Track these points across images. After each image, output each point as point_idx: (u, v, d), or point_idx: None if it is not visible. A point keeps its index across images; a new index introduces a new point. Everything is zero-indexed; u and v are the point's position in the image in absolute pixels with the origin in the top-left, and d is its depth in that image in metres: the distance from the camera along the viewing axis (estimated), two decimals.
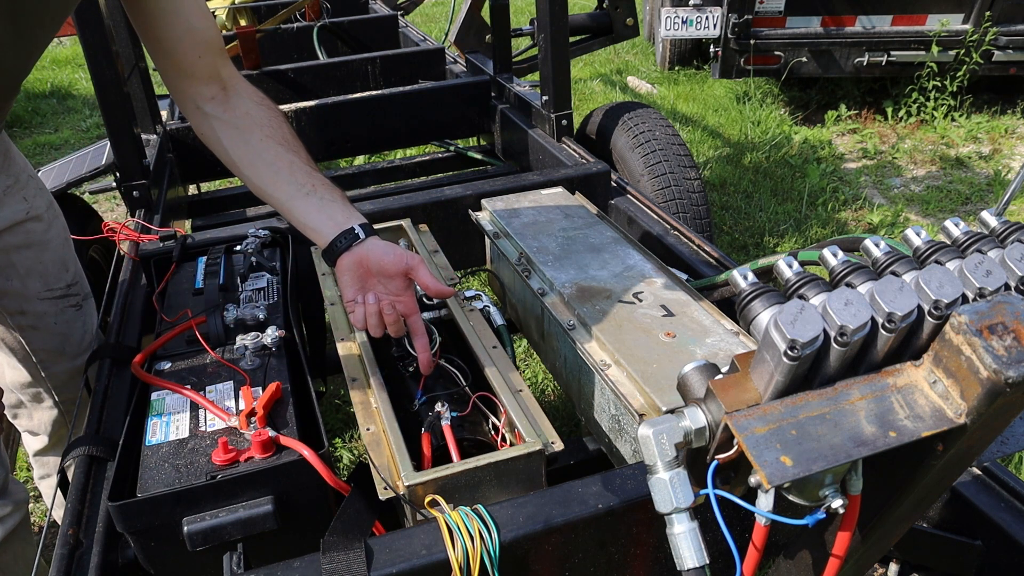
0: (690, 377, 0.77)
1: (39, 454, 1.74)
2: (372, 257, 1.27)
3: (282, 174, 1.30)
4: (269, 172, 1.31)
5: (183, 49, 1.28)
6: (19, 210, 1.44)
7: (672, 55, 6.61)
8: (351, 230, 1.28)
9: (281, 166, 1.30)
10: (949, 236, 0.81)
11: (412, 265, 1.27)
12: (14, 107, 6.21)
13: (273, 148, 1.31)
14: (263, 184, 1.32)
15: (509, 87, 2.92)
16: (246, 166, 1.32)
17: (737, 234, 3.92)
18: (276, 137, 1.32)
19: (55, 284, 1.53)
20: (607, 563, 1.12)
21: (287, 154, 1.31)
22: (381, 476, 1.11)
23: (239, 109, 1.32)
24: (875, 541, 0.86)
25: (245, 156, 1.32)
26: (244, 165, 1.32)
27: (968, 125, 4.98)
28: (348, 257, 1.27)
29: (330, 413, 2.78)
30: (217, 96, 1.32)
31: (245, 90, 1.35)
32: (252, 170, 1.32)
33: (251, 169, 1.32)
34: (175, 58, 1.29)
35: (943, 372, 0.66)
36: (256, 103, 1.34)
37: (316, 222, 1.29)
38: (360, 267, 1.28)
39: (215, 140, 1.33)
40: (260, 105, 1.35)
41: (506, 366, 1.34)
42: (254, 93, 1.36)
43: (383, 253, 1.27)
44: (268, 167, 1.30)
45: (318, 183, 1.31)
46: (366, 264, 1.27)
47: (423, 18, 8.97)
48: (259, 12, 3.74)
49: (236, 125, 1.32)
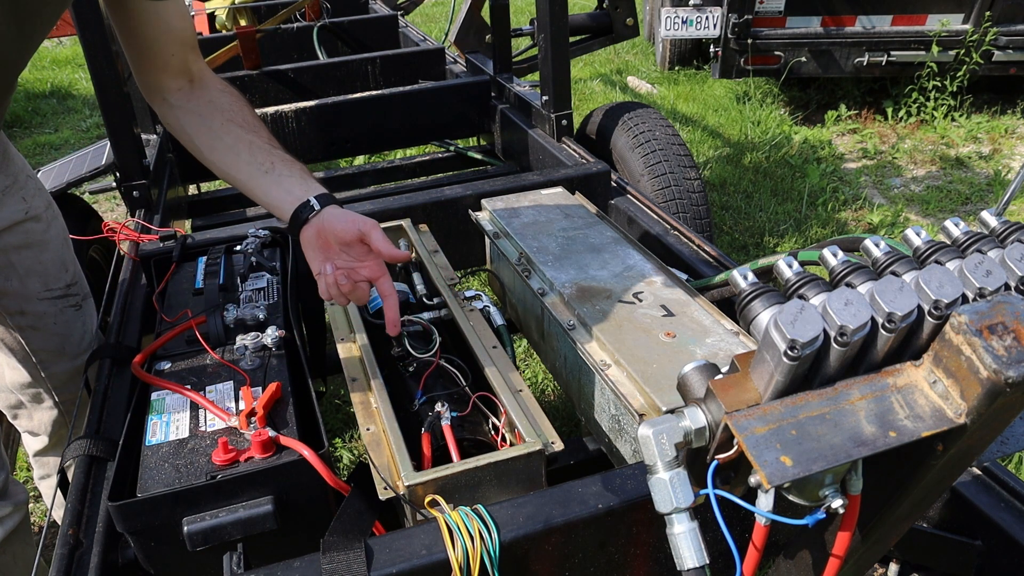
0: (690, 377, 0.77)
1: (39, 454, 1.74)
2: (327, 226, 1.27)
3: (242, 155, 1.32)
4: (230, 155, 1.33)
5: (159, 47, 1.31)
6: (18, 210, 1.44)
7: (672, 55, 6.61)
8: (307, 203, 1.28)
9: (241, 148, 1.32)
10: (949, 236, 0.81)
11: (365, 230, 1.27)
12: (14, 107, 6.24)
13: (233, 131, 1.33)
14: (225, 167, 1.34)
15: (509, 87, 2.92)
16: (208, 150, 1.34)
17: (737, 234, 3.92)
18: (236, 120, 1.34)
19: (54, 284, 1.53)
20: (607, 563, 1.12)
21: (246, 135, 1.33)
22: (381, 476, 1.11)
23: (203, 98, 1.35)
24: (875, 541, 0.86)
25: (207, 141, 1.34)
26: (207, 150, 1.35)
27: (968, 125, 4.98)
28: (308, 229, 1.28)
29: (330, 413, 2.78)
30: (183, 88, 1.35)
31: (210, 80, 1.38)
32: (214, 154, 1.34)
33: (213, 153, 1.34)
34: (150, 55, 1.32)
35: (943, 372, 0.66)
36: (219, 91, 1.37)
37: (276, 199, 1.31)
38: (319, 238, 1.28)
39: (179, 129, 1.37)
40: (223, 92, 1.37)
41: (506, 366, 1.34)
42: (218, 82, 1.39)
43: (337, 221, 1.27)
44: (228, 150, 1.33)
45: (277, 160, 1.32)
46: (324, 235, 1.28)
47: (423, 18, 8.97)
48: (259, 12, 3.74)
49: (199, 112, 1.34)
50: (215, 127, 1.33)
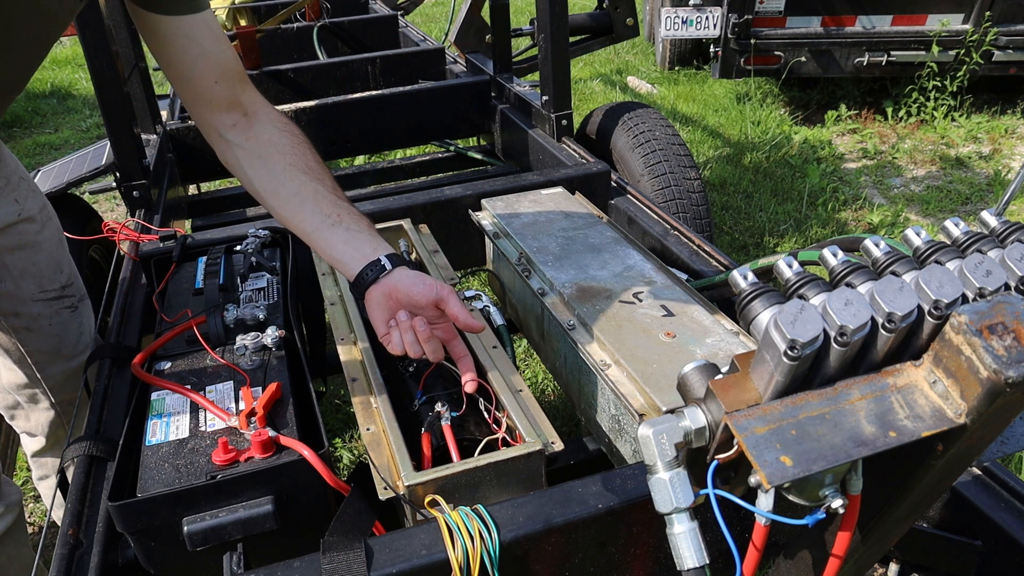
0: (690, 377, 0.77)
1: (37, 455, 1.74)
2: (401, 287, 1.23)
3: (307, 204, 1.27)
4: (295, 202, 1.28)
5: (198, 74, 1.26)
6: (10, 212, 1.44)
7: (672, 55, 6.61)
8: (377, 262, 1.25)
9: (306, 195, 1.27)
10: (949, 236, 0.81)
11: (443, 296, 1.24)
12: (14, 107, 6.23)
13: (297, 177, 1.28)
14: (288, 215, 1.29)
15: (509, 87, 2.92)
16: (270, 195, 1.30)
17: (737, 234, 3.92)
18: (300, 165, 1.29)
19: (49, 286, 1.52)
20: (607, 563, 1.12)
21: (312, 183, 1.28)
22: (381, 476, 1.11)
23: (262, 137, 1.30)
24: (875, 541, 0.86)
25: (269, 185, 1.29)
26: (268, 194, 1.30)
27: (968, 125, 4.98)
28: (376, 289, 1.24)
29: (330, 413, 2.78)
30: (239, 123, 1.30)
31: (268, 116, 1.33)
32: (276, 200, 1.29)
33: (275, 199, 1.29)
34: (192, 84, 1.27)
35: (943, 372, 0.66)
36: (279, 129, 1.32)
37: (342, 254, 1.27)
38: (390, 299, 1.24)
39: (239, 169, 1.32)
40: (283, 132, 1.32)
41: (506, 366, 1.34)
42: (277, 119, 1.34)
43: (412, 283, 1.24)
44: (293, 196, 1.28)
45: (344, 212, 1.28)
46: (395, 295, 1.24)
47: (423, 18, 8.97)
48: (259, 12, 3.74)
49: (259, 154, 1.29)
50: (277, 171, 1.28)
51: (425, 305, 1.24)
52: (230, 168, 1.34)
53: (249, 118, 1.31)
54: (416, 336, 1.22)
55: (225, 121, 1.30)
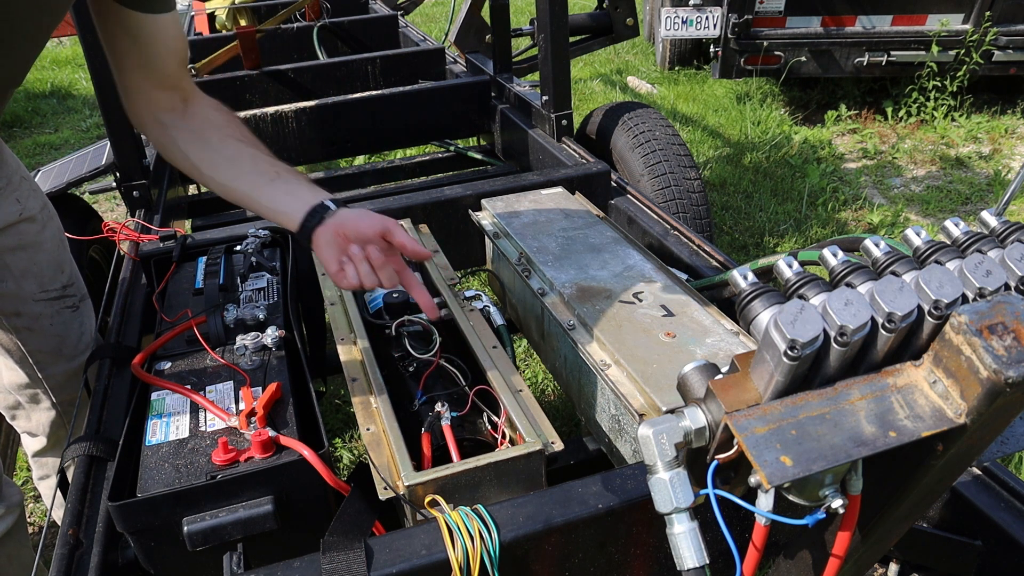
0: (690, 377, 0.77)
1: (38, 455, 1.74)
2: (349, 223, 1.25)
3: (244, 166, 1.30)
4: (231, 168, 1.31)
5: (159, 64, 1.30)
6: (12, 211, 1.44)
7: (672, 55, 6.61)
8: (321, 204, 1.27)
9: (243, 159, 1.31)
10: (949, 236, 0.81)
11: (388, 227, 1.26)
12: (14, 107, 6.23)
13: (233, 144, 1.31)
14: (227, 181, 1.32)
15: (509, 87, 2.92)
16: (207, 167, 1.32)
17: (737, 234, 3.92)
18: (235, 135, 1.33)
19: (50, 286, 1.52)
20: (607, 563, 1.12)
21: (248, 148, 1.32)
22: (381, 476, 1.11)
23: (196, 116, 1.34)
24: (875, 541, 0.86)
25: (206, 157, 1.32)
26: (206, 166, 1.32)
27: (968, 125, 4.98)
28: (324, 229, 1.26)
29: (330, 413, 2.78)
30: (176, 107, 1.33)
31: (201, 98, 1.36)
32: (214, 169, 1.32)
33: (213, 168, 1.32)
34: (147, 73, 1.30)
35: (943, 372, 0.66)
36: (213, 108, 1.36)
37: (284, 204, 1.28)
38: (337, 236, 1.25)
39: (173, 148, 1.34)
40: (217, 110, 1.36)
41: (506, 366, 1.34)
42: (210, 100, 1.37)
43: (359, 218, 1.26)
44: (229, 163, 1.31)
45: (281, 170, 1.31)
46: (343, 231, 1.25)
47: (423, 18, 8.97)
48: (259, 12, 3.74)
49: (193, 129, 1.32)
50: (213, 142, 1.32)
51: (373, 237, 1.25)
52: (163, 150, 1.36)
53: (186, 102, 1.34)
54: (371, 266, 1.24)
55: (164, 105, 1.32)
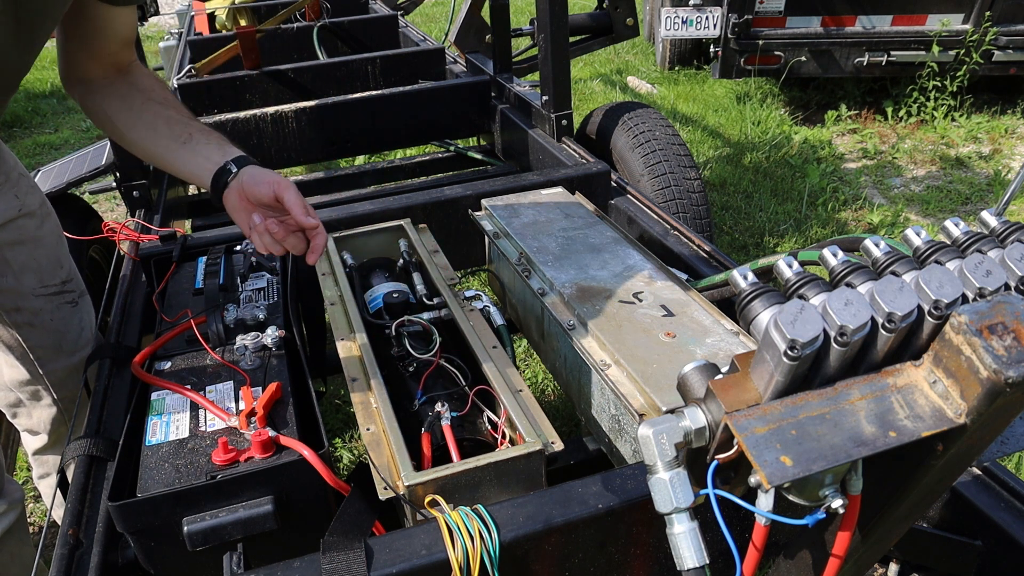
0: (690, 377, 0.77)
1: (38, 453, 1.74)
2: (247, 188, 1.28)
3: (160, 130, 1.34)
4: (149, 131, 1.34)
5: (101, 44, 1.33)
6: (11, 206, 1.45)
7: (672, 55, 6.61)
8: (225, 167, 1.30)
9: (159, 123, 1.34)
10: (949, 236, 0.81)
11: (279, 191, 1.27)
12: (14, 107, 6.23)
13: (152, 107, 1.35)
14: (144, 143, 1.36)
15: (509, 87, 2.92)
16: (128, 129, 1.36)
17: (737, 234, 3.92)
18: (155, 98, 1.36)
19: (50, 281, 1.53)
20: (607, 563, 1.12)
21: (164, 111, 1.35)
22: (381, 476, 1.11)
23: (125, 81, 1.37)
24: (875, 541, 0.86)
25: (127, 120, 1.35)
26: (126, 128, 1.36)
27: (968, 125, 4.98)
28: (230, 194, 1.30)
29: (330, 413, 2.78)
30: (108, 75, 1.37)
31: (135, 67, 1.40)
32: (134, 132, 1.36)
33: (132, 132, 1.36)
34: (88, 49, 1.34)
35: (943, 372, 0.66)
36: (142, 74, 1.40)
37: (195, 166, 1.32)
38: (242, 200, 1.29)
39: (98, 111, 1.38)
40: (145, 75, 1.40)
41: (506, 366, 1.34)
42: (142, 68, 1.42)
43: (254, 183, 1.28)
44: (147, 126, 1.34)
45: (194, 130, 1.34)
46: (244, 196, 1.29)
47: (423, 18, 8.97)
48: (259, 12, 3.74)
49: (120, 94, 1.36)
50: (135, 106, 1.35)
51: (269, 202, 1.28)
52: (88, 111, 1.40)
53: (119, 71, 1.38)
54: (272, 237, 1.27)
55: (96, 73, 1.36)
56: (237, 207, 1.30)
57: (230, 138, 1.35)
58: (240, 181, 1.28)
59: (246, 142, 2.75)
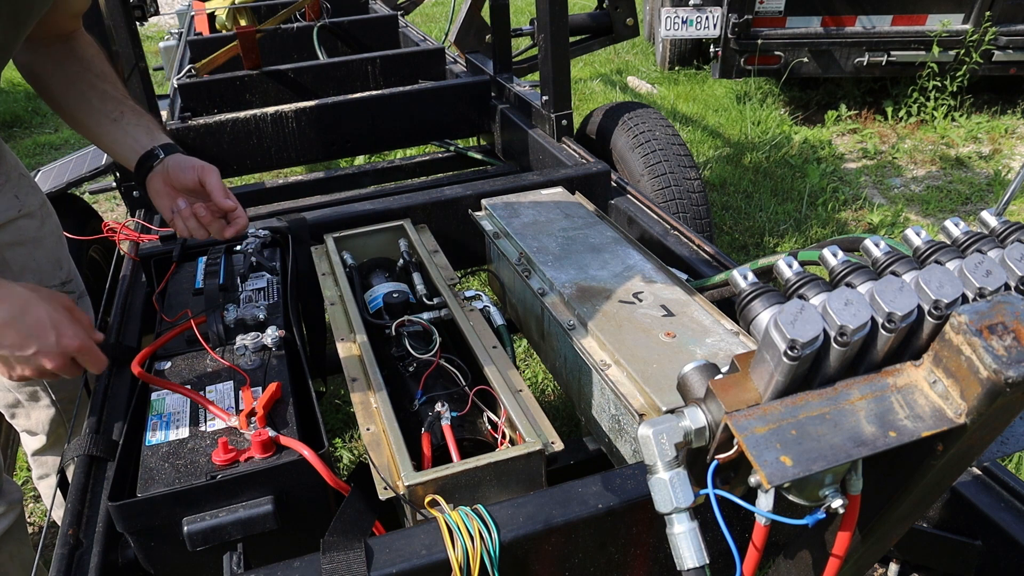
0: (690, 377, 0.77)
1: (37, 453, 1.74)
2: (172, 174, 1.35)
3: (93, 103, 1.37)
4: (82, 101, 1.37)
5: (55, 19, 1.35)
6: (11, 207, 1.45)
7: (672, 55, 6.61)
8: (152, 151, 1.35)
9: (92, 96, 1.37)
10: (949, 236, 0.81)
11: (203, 176, 1.34)
12: (14, 107, 6.22)
13: (88, 79, 1.37)
14: (75, 112, 1.38)
15: (509, 87, 2.92)
16: (61, 95, 1.38)
17: (737, 234, 3.92)
18: (93, 69, 1.39)
19: (49, 282, 1.53)
20: (607, 563, 1.12)
21: (100, 84, 1.38)
22: (381, 476, 1.11)
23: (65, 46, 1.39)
24: (875, 541, 0.86)
25: (61, 86, 1.38)
26: (59, 94, 1.38)
27: (968, 125, 4.98)
28: (155, 178, 1.35)
29: (330, 413, 2.78)
30: (49, 38, 1.38)
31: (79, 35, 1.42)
32: (66, 99, 1.38)
33: (65, 98, 1.38)
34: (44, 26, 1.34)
35: (943, 372, 0.66)
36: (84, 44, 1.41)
37: (123, 147, 1.37)
38: (166, 185, 1.35)
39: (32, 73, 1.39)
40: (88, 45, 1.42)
41: (506, 366, 1.34)
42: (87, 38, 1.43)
43: (179, 169, 1.34)
44: (80, 96, 1.37)
45: (127, 110, 1.38)
46: (169, 182, 1.35)
47: (423, 18, 8.97)
48: (259, 12, 3.74)
49: (57, 59, 1.38)
50: (71, 73, 1.37)
51: (193, 187, 1.35)
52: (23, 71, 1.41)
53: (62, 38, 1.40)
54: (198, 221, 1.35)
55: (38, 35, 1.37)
56: (160, 191, 1.36)
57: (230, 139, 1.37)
58: (165, 167, 1.34)
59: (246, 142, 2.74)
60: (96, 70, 1.39)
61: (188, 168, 1.34)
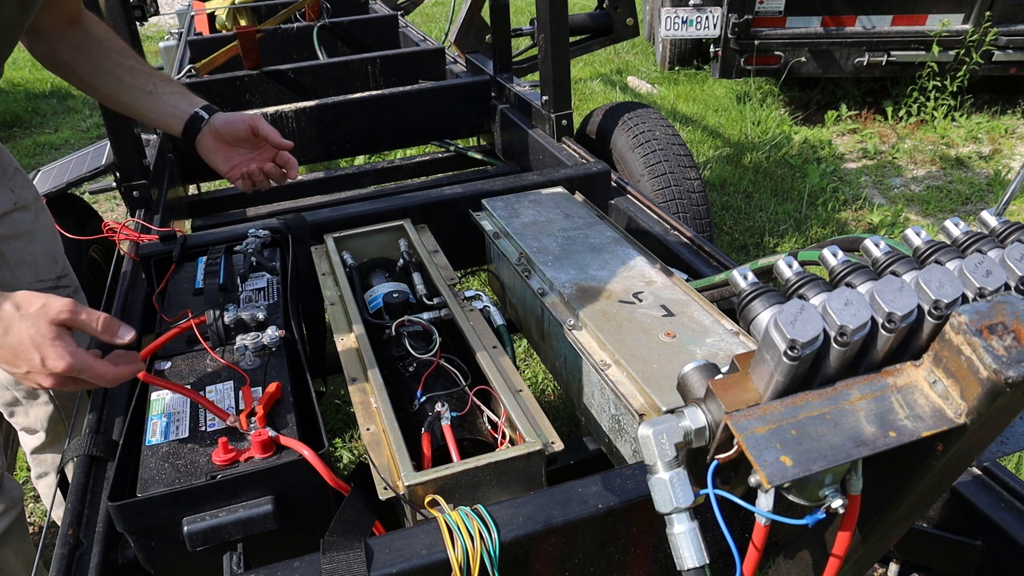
0: (690, 377, 0.77)
1: (36, 452, 1.74)
2: (223, 129, 1.46)
3: (124, 79, 1.44)
4: (111, 79, 1.44)
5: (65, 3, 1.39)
6: (6, 200, 1.46)
7: (672, 55, 6.61)
8: (196, 115, 1.45)
9: (122, 73, 1.44)
10: (949, 236, 0.81)
11: (254, 123, 1.48)
12: (14, 107, 6.22)
13: (112, 57, 1.44)
14: (108, 91, 1.45)
15: (509, 87, 2.92)
16: (90, 76, 1.44)
17: (737, 234, 3.92)
18: (113, 47, 1.45)
19: (45, 275, 1.54)
20: (607, 563, 1.12)
21: (125, 60, 1.45)
22: (381, 476, 1.11)
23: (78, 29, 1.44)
24: (875, 541, 0.86)
25: (87, 68, 1.44)
26: (88, 75, 1.44)
27: (968, 125, 4.98)
28: (204, 137, 1.47)
29: (330, 413, 2.78)
30: (59, 24, 1.42)
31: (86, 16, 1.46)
32: (96, 79, 1.44)
33: (95, 79, 1.44)
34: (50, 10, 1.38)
35: (943, 372, 0.66)
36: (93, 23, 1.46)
37: (164, 115, 1.46)
38: (217, 141, 1.46)
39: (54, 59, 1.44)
40: (97, 24, 1.47)
41: (506, 366, 1.34)
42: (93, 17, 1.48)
43: (228, 121, 1.46)
44: (109, 75, 1.44)
45: (157, 80, 1.46)
46: (221, 137, 1.46)
47: (423, 18, 8.97)
48: (259, 12, 3.74)
49: (75, 43, 1.43)
50: (93, 55, 1.43)
51: (245, 136, 1.48)
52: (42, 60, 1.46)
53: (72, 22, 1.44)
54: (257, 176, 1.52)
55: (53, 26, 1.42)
56: (212, 147, 1.47)
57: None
58: (212, 125, 1.46)
59: None
60: (116, 47, 1.45)
61: (236, 120, 1.46)
